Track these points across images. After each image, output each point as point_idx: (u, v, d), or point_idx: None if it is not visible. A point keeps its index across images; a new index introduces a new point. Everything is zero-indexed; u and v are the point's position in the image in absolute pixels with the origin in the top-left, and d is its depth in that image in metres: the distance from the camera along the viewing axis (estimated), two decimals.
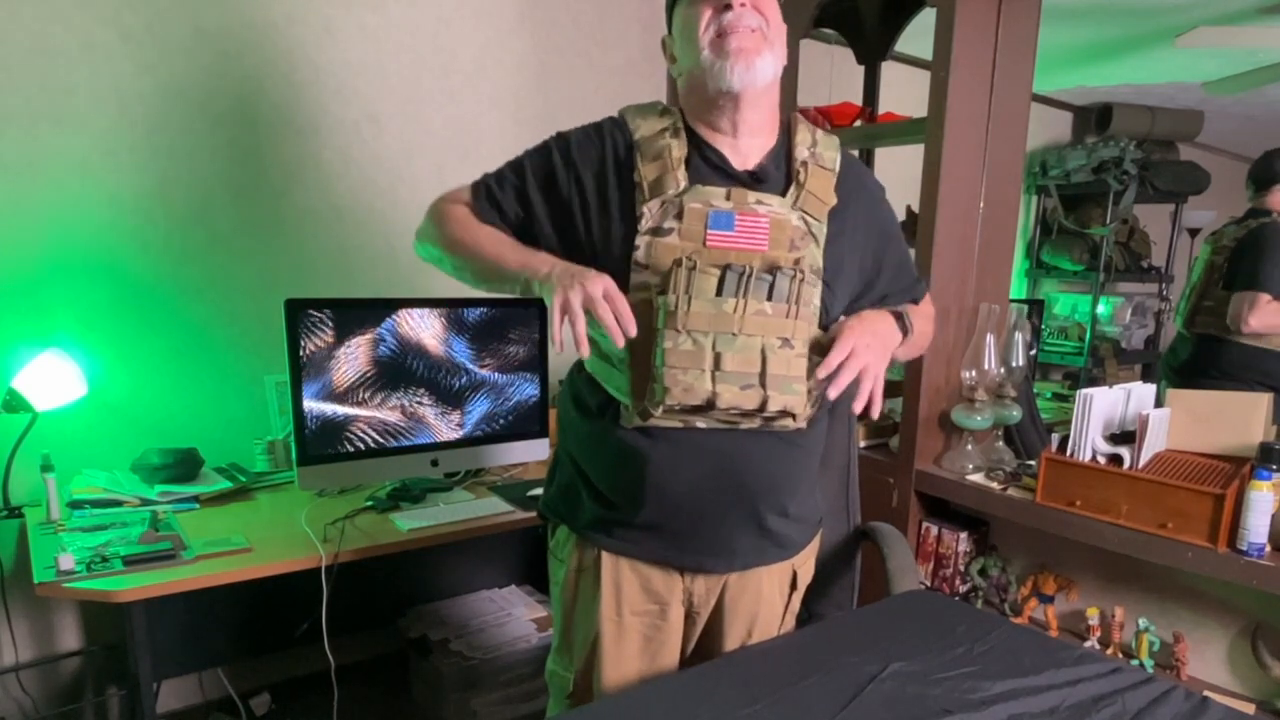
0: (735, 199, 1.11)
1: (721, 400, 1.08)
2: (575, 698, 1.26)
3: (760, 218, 1.11)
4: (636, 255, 1.10)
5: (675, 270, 1.07)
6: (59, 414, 1.91)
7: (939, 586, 2.03)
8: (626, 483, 1.16)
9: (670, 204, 1.10)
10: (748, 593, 1.24)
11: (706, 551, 1.20)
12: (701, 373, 1.07)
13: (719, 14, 1.08)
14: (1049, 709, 1.07)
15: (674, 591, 1.21)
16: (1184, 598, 1.73)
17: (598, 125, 1.19)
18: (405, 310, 1.97)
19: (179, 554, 1.59)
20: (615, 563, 1.20)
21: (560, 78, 2.61)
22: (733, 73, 1.08)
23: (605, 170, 1.15)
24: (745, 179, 1.14)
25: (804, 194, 1.15)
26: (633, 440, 1.13)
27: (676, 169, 1.11)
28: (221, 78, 2.06)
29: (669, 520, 1.17)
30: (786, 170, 1.17)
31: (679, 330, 1.07)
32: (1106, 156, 4.08)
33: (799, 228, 1.13)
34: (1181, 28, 2.88)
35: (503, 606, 2.36)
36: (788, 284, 1.09)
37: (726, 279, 1.08)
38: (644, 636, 1.22)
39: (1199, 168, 4.48)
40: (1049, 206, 4.40)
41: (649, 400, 1.09)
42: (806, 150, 1.17)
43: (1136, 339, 4.64)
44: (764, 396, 1.09)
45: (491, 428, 2.13)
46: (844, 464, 1.62)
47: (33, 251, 1.88)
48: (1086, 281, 4.38)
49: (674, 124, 1.15)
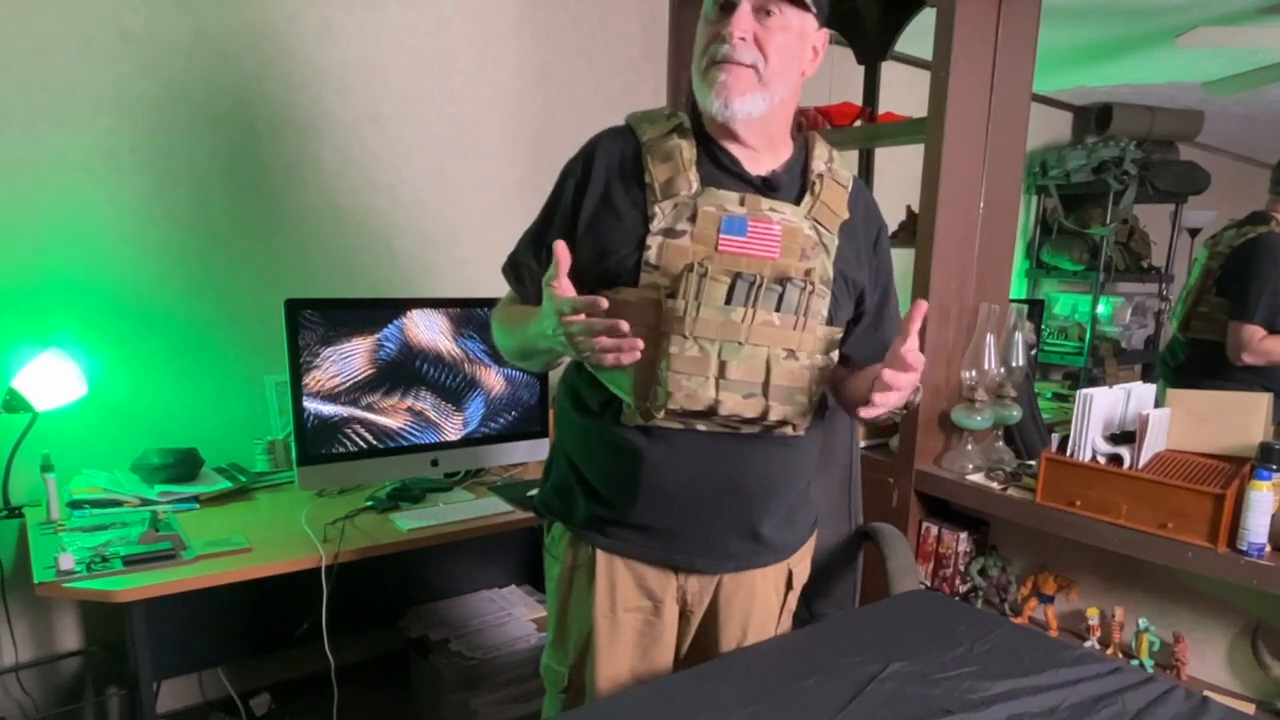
0: (749, 205, 1.11)
1: (723, 408, 1.08)
2: (570, 693, 1.27)
3: (773, 225, 1.10)
4: (648, 256, 1.10)
5: (686, 275, 1.07)
6: (59, 414, 1.91)
7: (939, 586, 2.03)
8: (622, 479, 1.16)
9: (684, 206, 1.10)
10: (742, 592, 1.24)
11: (699, 552, 1.20)
12: (706, 379, 1.07)
13: (716, 42, 1.08)
14: (1049, 709, 1.07)
15: (668, 589, 1.21)
16: (1184, 598, 1.73)
17: (594, 140, 1.19)
18: (405, 310, 1.97)
19: (179, 554, 1.59)
20: (609, 560, 1.20)
21: (560, 78, 2.61)
22: (714, 104, 1.09)
23: (611, 176, 1.15)
24: (759, 184, 1.14)
25: (818, 204, 1.15)
26: (631, 438, 1.14)
27: (688, 170, 1.11)
28: (221, 78, 2.06)
29: (662, 519, 1.17)
30: (802, 181, 1.17)
31: (686, 336, 1.07)
32: (1106, 156, 4.08)
33: (810, 237, 1.13)
34: (1181, 28, 2.87)
35: (503, 606, 2.36)
36: (797, 295, 1.09)
37: (736, 288, 1.08)
38: (638, 633, 1.23)
39: (1199, 168, 4.48)
40: (1049, 206, 4.40)
41: (651, 402, 1.09)
42: (823, 164, 1.18)
43: (1136, 339, 4.64)
44: (765, 406, 1.09)
45: (491, 428, 2.13)
46: (846, 464, 1.62)
47: (33, 251, 1.88)
48: (1086, 281, 4.38)
49: (681, 125, 1.15)
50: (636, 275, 1.10)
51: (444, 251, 2.45)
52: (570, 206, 1.17)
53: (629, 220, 1.12)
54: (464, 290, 2.42)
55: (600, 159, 1.16)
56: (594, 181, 1.15)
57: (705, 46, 1.10)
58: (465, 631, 2.22)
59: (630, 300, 1.10)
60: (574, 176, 1.18)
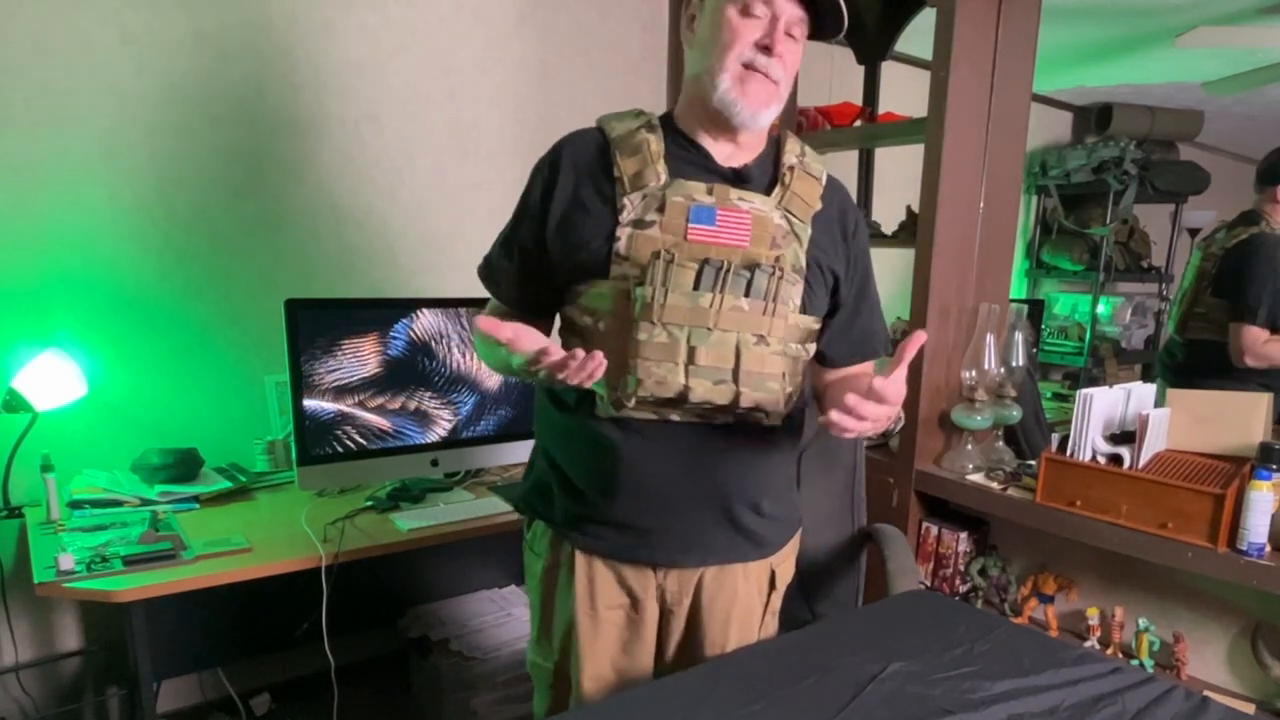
0: (718, 194, 1.12)
1: (694, 394, 1.08)
2: (557, 688, 1.28)
3: (742, 214, 1.11)
4: (618, 247, 1.10)
5: (653, 262, 1.08)
6: (59, 414, 1.91)
7: (939, 586, 2.03)
8: (599, 474, 1.17)
9: (652, 197, 1.11)
10: (724, 591, 1.23)
11: (677, 547, 1.20)
12: (675, 366, 1.08)
13: (755, 50, 1.09)
14: (1049, 709, 1.07)
15: (647, 588, 1.22)
16: (1184, 598, 1.73)
17: (563, 140, 1.20)
18: (405, 310, 1.97)
19: (179, 554, 1.59)
20: (588, 559, 1.21)
21: (560, 78, 2.61)
22: (741, 112, 1.10)
23: (580, 173, 1.16)
24: (728, 175, 1.15)
25: (789, 194, 1.16)
26: (607, 432, 1.14)
27: (656, 162, 1.12)
28: (221, 78, 2.06)
29: (641, 516, 1.17)
30: (773, 174, 1.18)
31: (654, 323, 1.07)
32: (1106, 156, 4.08)
33: (781, 226, 1.14)
34: (1181, 28, 2.87)
35: (503, 606, 2.36)
36: (766, 281, 1.10)
37: (704, 273, 1.08)
38: (619, 630, 1.23)
39: (1199, 168, 4.48)
40: (1049, 206, 4.40)
41: (621, 390, 1.10)
42: (795, 158, 1.19)
43: (1136, 339, 4.64)
44: (736, 392, 1.09)
45: (492, 428, 2.13)
46: (850, 466, 1.62)
47: (33, 251, 1.88)
48: (1086, 281, 4.38)
49: (648, 121, 1.16)
50: (608, 267, 1.11)
51: (444, 251, 2.45)
52: (539, 206, 1.18)
53: (598, 214, 1.13)
54: (464, 290, 2.42)
55: (568, 157, 1.17)
56: (562, 179, 1.16)
57: (740, 45, 1.09)
58: (465, 631, 2.22)
59: (603, 292, 1.11)
60: (542, 175, 1.19)
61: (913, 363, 1.02)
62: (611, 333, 1.10)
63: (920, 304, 1.95)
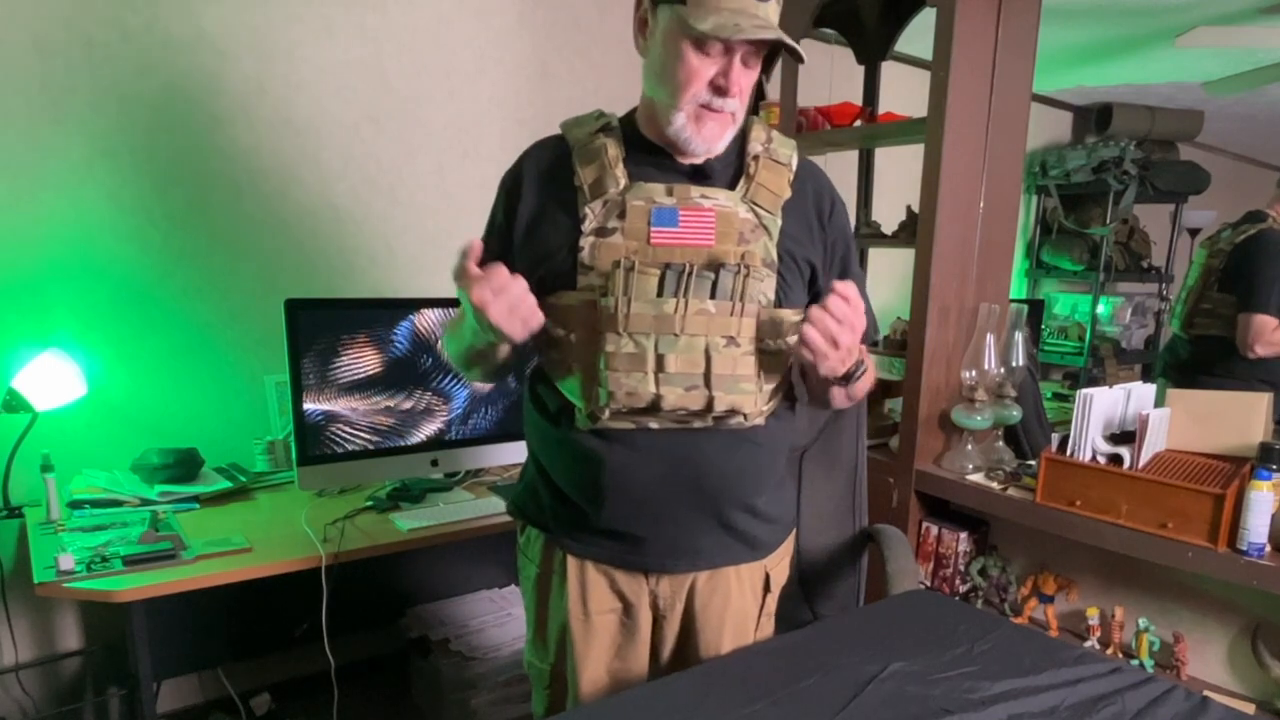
0: (678, 194, 1.10)
1: (666, 402, 1.08)
2: (554, 688, 1.28)
3: (705, 212, 1.10)
4: (582, 257, 1.10)
5: (614, 271, 1.07)
6: (59, 414, 1.91)
7: (939, 586, 2.03)
8: (586, 485, 1.16)
9: (613, 204, 1.10)
10: (717, 595, 1.23)
11: (668, 553, 1.19)
12: (644, 375, 1.07)
13: (711, 91, 1.06)
14: (1049, 709, 1.07)
15: (639, 593, 1.21)
16: (1184, 598, 1.73)
17: (525, 152, 1.20)
18: (405, 310, 1.97)
19: (179, 554, 1.59)
20: (580, 564, 1.20)
21: (560, 78, 2.61)
22: (697, 147, 1.09)
23: (543, 184, 1.15)
24: (688, 172, 1.13)
25: (754, 186, 1.13)
26: (589, 443, 1.13)
27: (615, 167, 1.11)
28: (222, 78, 2.06)
29: (630, 523, 1.17)
30: (738, 166, 1.15)
31: (620, 333, 1.07)
32: (1106, 156, 4.08)
33: (748, 220, 1.12)
34: (1181, 28, 2.88)
35: (503, 606, 2.36)
36: (731, 280, 1.08)
37: (666, 278, 1.07)
38: (613, 634, 1.23)
39: (1199, 168, 4.48)
40: (1049, 206, 4.40)
41: (594, 403, 1.09)
42: (760, 145, 1.16)
43: (1136, 339, 4.64)
44: (709, 397, 1.09)
45: (491, 428, 2.13)
46: (851, 466, 1.62)
47: (33, 251, 1.88)
48: (1086, 281, 4.38)
49: (606, 124, 1.15)
50: (574, 278, 1.10)
51: (444, 251, 2.45)
52: (504, 221, 1.18)
53: (562, 225, 1.12)
54: None
55: (530, 169, 1.17)
56: (526, 192, 1.16)
57: (696, 85, 1.05)
58: (465, 631, 2.22)
59: (571, 304, 1.10)
60: (505, 189, 1.19)
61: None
62: (583, 343, 1.10)
63: (920, 304, 1.95)
